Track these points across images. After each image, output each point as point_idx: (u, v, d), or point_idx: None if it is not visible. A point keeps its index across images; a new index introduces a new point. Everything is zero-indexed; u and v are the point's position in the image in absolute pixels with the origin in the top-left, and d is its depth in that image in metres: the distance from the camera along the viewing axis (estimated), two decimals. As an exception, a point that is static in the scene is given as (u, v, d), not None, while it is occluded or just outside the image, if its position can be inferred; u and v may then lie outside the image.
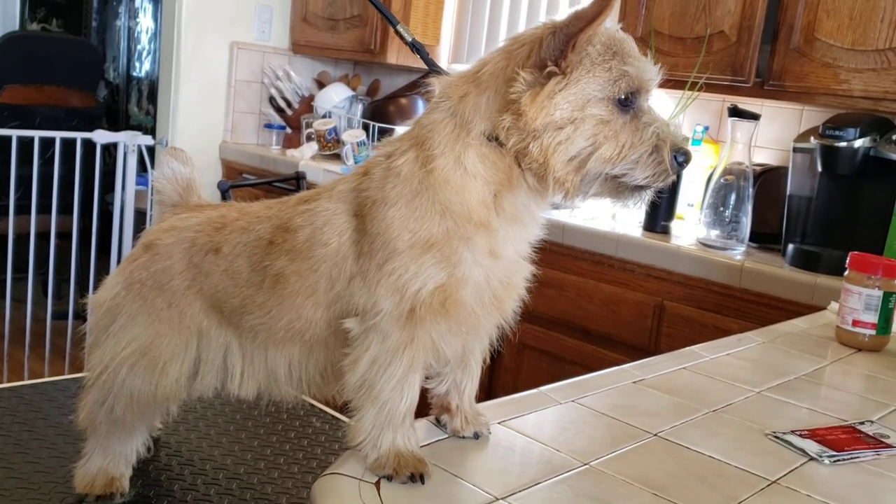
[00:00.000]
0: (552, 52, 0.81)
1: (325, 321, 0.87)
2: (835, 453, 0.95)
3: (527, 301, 0.90)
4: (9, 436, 1.13)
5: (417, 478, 0.78)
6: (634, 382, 1.14)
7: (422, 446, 0.85)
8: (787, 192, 2.35)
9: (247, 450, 1.16)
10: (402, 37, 1.19)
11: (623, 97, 0.82)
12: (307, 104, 3.85)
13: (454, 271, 0.81)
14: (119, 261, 3.59)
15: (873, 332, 1.43)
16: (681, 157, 0.84)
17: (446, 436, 0.91)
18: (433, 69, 0.90)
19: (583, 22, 0.79)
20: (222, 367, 0.96)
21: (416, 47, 1.17)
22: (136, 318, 0.97)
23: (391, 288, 0.80)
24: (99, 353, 0.99)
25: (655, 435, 0.96)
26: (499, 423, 0.94)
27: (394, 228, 0.81)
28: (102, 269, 3.69)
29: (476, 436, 0.90)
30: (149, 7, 5.76)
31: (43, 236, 3.51)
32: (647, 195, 0.86)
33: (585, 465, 0.86)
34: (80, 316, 3.59)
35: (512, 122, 0.81)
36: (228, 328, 0.95)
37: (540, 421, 0.97)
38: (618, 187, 0.85)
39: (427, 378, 0.90)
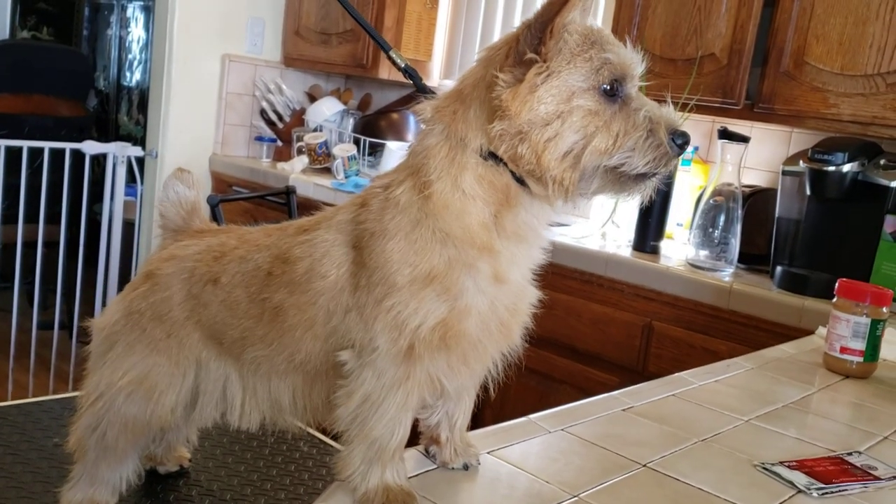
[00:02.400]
0: (530, 44, 0.79)
1: (324, 354, 0.86)
2: (823, 486, 0.95)
3: (527, 325, 0.89)
4: (-8, 458, 1.12)
5: (406, 511, 0.77)
6: (624, 410, 1.13)
7: (410, 477, 0.84)
8: (776, 215, 2.36)
9: (234, 475, 1.16)
10: (395, 63, 1.19)
11: (608, 86, 0.80)
12: (298, 117, 3.84)
13: (456, 303, 0.79)
14: (107, 272, 3.58)
15: (861, 359, 1.43)
16: (679, 140, 0.81)
17: (435, 466, 0.90)
18: (427, 94, 0.89)
19: (557, 6, 0.78)
20: (222, 398, 0.95)
21: (409, 73, 1.16)
22: (133, 348, 0.96)
23: (389, 324, 0.78)
24: (95, 378, 0.98)
25: (645, 465, 0.96)
26: (487, 452, 0.94)
27: (393, 262, 0.79)
28: (89, 280, 3.67)
29: (465, 467, 0.89)
30: (140, 17, 5.75)
31: (29, 246, 3.49)
32: (652, 183, 0.83)
33: (575, 496, 0.86)
34: (66, 327, 3.56)
35: (500, 126, 0.79)
36: (228, 359, 0.95)
37: (529, 450, 0.97)
38: (619, 179, 0.82)
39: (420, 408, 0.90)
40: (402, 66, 1.20)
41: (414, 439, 0.90)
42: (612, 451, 0.98)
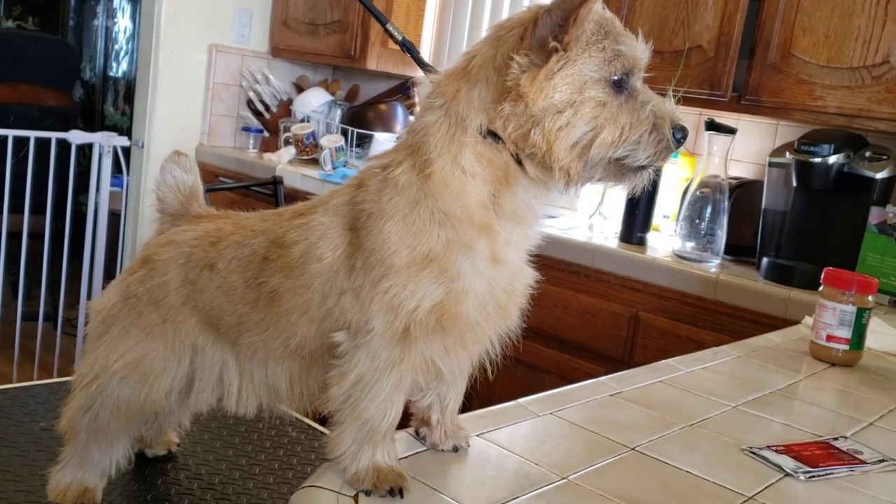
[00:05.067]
0: (550, 31, 0.79)
1: (319, 337, 0.86)
2: (810, 469, 0.96)
3: (524, 305, 0.89)
4: (-21, 442, 1.11)
5: (397, 492, 0.77)
6: (612, 395, 1.14)
7: (400, 458, 0.85)
8: (762, 206, 2.38)
9: (222, 459, 1.15)
10: (392, 36, 1.18)
11: (618, 78, 0.81)
12: (285, 108, 3.83)
13: (453, 285, 0.79)
14: (92, 263, 3.56)
15: (847, 347, 1.44)
16: (678, 134, 0.83)
17: (425, 448, 0.90)
18: (424, 68, 0.89)
19: None
20: (218, 383, 0.95)
21: (406, 46, 1.16)
22: (129, 332, 0.96)
23: (385, 306, 0.78)
24: (90, 360, 0.98)
25: (633, 449, 0.96)
26: (477, 435, 0.94)
27: (391, 244, 0.79)
28: (74, 271, 3.65)
29: (455, 449, 0.89)
30: (127, 7, 5.71)
31: (14, 236, 3.46)
32: (649, 175, 0.85)
33: (564, 479, 0.86)
34: (50, 318, 3.53)
35: (511, 108, 0.79)
36: (224, 345, 0.94)
37: (518, 434, 0.97)
38: (620, 170, 0.83)
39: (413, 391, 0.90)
40: (400, 39, 1.19)
41: (404, 421, 0.90)
42: (600, 435, 0.99)
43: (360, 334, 0.80)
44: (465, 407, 0.96)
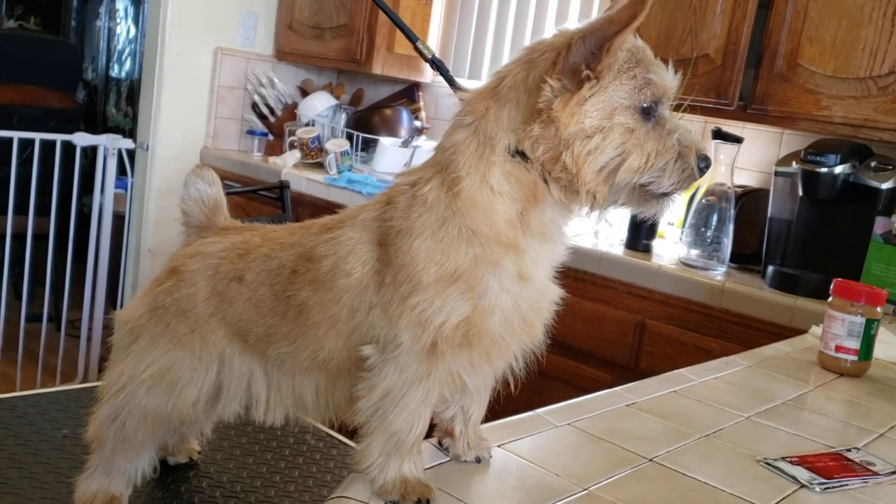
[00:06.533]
0: (582, 58, 0.80)
1: (347, 351, 0.87)
2: (825, 481, 0.97)
3: (549, 322, 0.90)
4: (3, 449, 1.12)
5: (424, 503, 0.79)
6: (627, 406, 1.15)
7: (424, 469, 0.86)
8: (768, 215, 2.39)
9: (242, 467, 1.17)
10: (421, 54, 1.19)
11: (647, 105, 0.82)
12: (290, 112, 3.84)
13: (480, 301, 0.80)
14: (96, 265, 3.57)
15: (855, 357, 1.46)
16: (702, 164, 0.85)
17: (448, 459, 0.92)
18: (454, 87, 0.90)
19: (618, 26, 0.78)
20: (246, 393, 0.96)
21: (436, 64, 1.17)
22: (157, 342, 0.97)
23: (413, 321, 0.79)
24: (117, 370, 0.99)
25: (651, 460, 0.98)
26: (497, 445, 0.95)
27: (419, 260, 0.80)
28: (77, 273, 3.65)
29: (478, 460, 0.90)
30: (130, 9, 5.72)
31: (16, 238, 3.46)
32: (671, 202, 0.87)
33: (585, 490, 0.87)
34: (53, 320, 3.53)
35: (541, 131, 0.80)
36: (253, 356, 0.95)
37: (537, 444, 0.98)
38: (644, 195, 0.85)
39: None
40: (430, 57, 1.20)
41: (427, 432, 0.91)
42: (618, 446, 1.00)
43: (389, 348, 0.81)
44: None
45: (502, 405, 1.03)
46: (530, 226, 0.84)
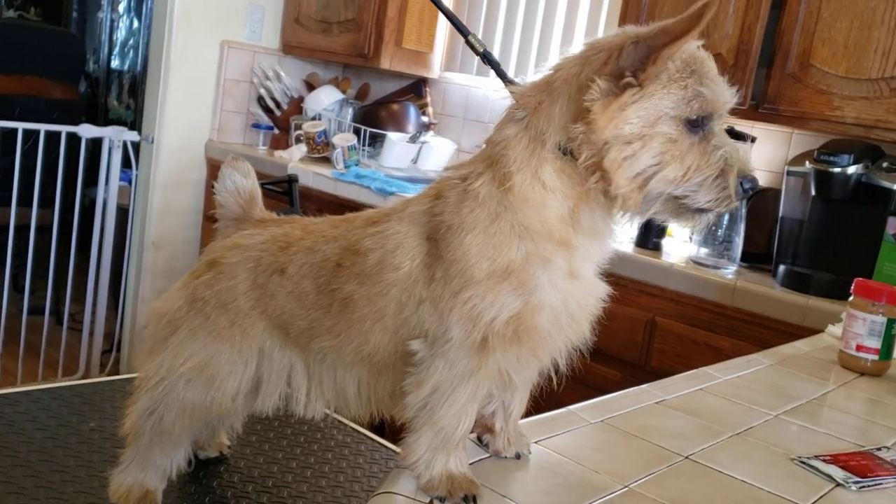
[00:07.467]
0: (631, 63, 0.79)
1: (393, 345, 0.87)
2: (860, 479, 0.98)
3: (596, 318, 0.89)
4: (32, 442, 1.12)
5: (470, 499, 0.79)
6: (657, 403, 1.15)
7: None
8: (780, 214, 2.40)
9: (272, 462, 1.16)
10: (473, 48, 1.18)
11: (694, 118, 0.80)
12: (296, 105, 3.83)
13: (530, 298, 0.80)
14: (99, 257, 3.55)
15: (876, 357, 1.46)
16: (747, 185, 0.83)
17: (488, 455, 0.92)
18: (506, 81, 0.89)
19: (669, 37, 0.77)
20: (286, 387, 0.95)
21: (488, 59, 1.16)
22: (196, 334, 0.97)
23: (465, 316, 0.79)
24: (155, 363, 0.98)
25: (686, 457, 0.98)
26: (535, 442, 0.95)
27: (471, 256, 0.79)
28: (82, 265, 3.64)
29: (517, 456, 0.90)
30: (132, 0, 5.69)
31: (19, 229, 3.45)
32: (708, 218, 0.85)
33: (625, 486, 0.87)
34: (55, 312, 3.51)
35: (584, 132, 0.79)
36: (294, 349, 0.95)
37: (573, 441, 0.98)
38: (679, 208, 0.83)
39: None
40: (482, 51, 1.19)
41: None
42: (652, 443, 1.00)
43: (438, 343, 0.81)
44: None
45: (546, 400, 1.03)
46: (581, 223, 0.83)
